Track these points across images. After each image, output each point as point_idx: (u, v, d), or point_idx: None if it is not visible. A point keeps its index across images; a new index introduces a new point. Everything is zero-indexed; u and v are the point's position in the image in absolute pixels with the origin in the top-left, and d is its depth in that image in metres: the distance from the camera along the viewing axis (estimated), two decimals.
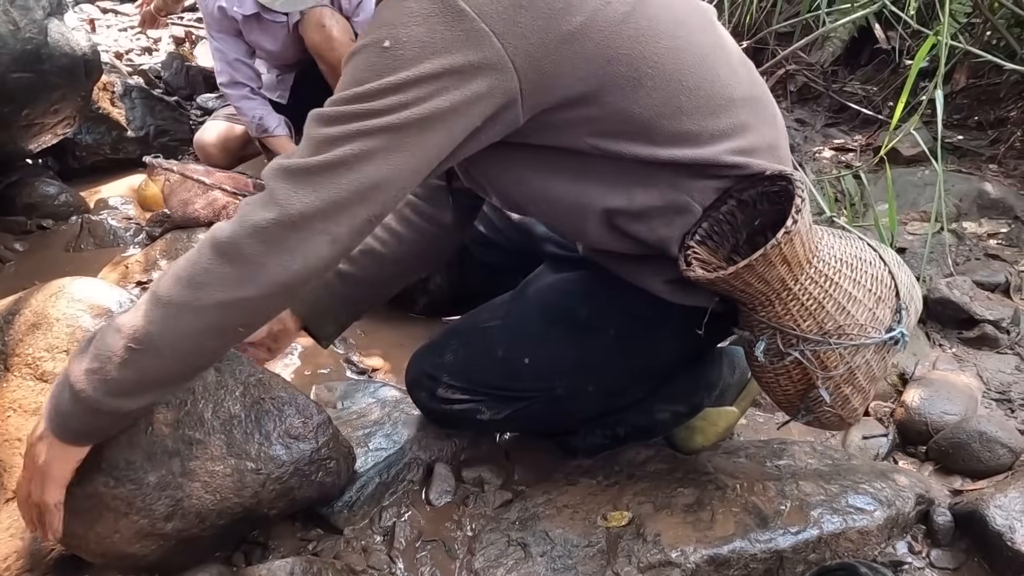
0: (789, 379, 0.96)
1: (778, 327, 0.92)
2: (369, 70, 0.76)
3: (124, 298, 1.24)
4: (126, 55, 3.39)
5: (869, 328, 0.93)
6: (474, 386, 1.11)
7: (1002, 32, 2.06)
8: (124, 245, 2.13)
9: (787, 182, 0.91)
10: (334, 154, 0.75)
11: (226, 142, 2.53)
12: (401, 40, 0.75)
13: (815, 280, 0.91)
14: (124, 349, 0.78)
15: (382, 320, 1.77)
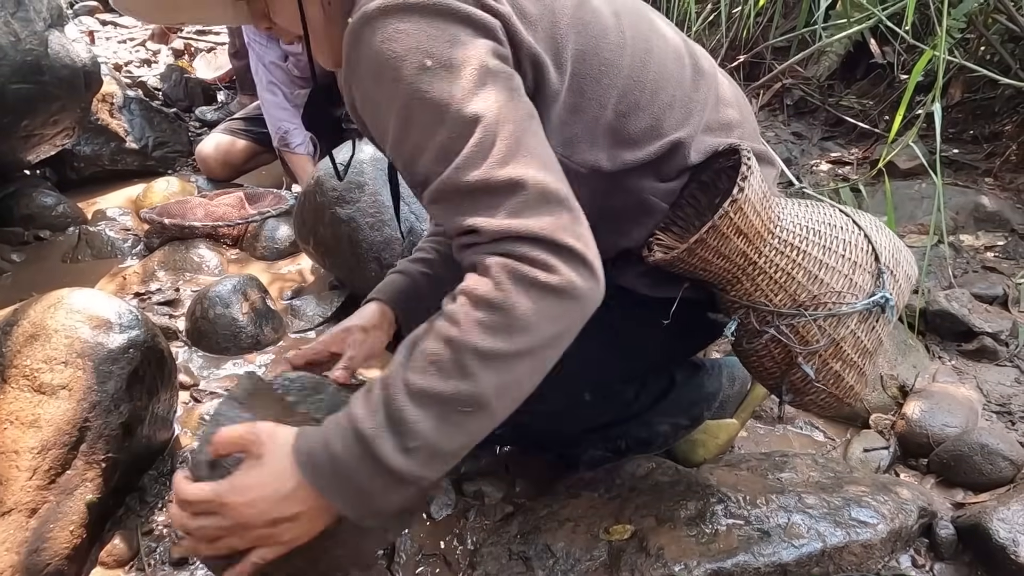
0: (771, 359, 0.91)
1: (750, 304, 0.89)
2: (438, 92, 0.71)
3: (124, 309, 1.24)
4: (125, 67, 3.40)
5: (847, 295, 0.88)
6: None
7: (996, 47, 2.08)
8: (122, 256, 2.12)
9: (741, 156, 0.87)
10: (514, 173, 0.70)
11: (227, 156, 2.54)
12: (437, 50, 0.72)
13: (779, 250, 0.87)
14: (451, 415, 0.67)
15: None
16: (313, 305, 1.84)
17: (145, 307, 1.82)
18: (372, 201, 1.70)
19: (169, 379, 1.30)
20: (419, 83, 0.71)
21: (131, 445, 1.18)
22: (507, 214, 0.69)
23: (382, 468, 0.67)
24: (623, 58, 0.88)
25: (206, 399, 1.52)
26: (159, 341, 1.28)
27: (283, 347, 1.72)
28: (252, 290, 1.74)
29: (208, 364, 1.65)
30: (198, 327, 1.69)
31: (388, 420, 0.68)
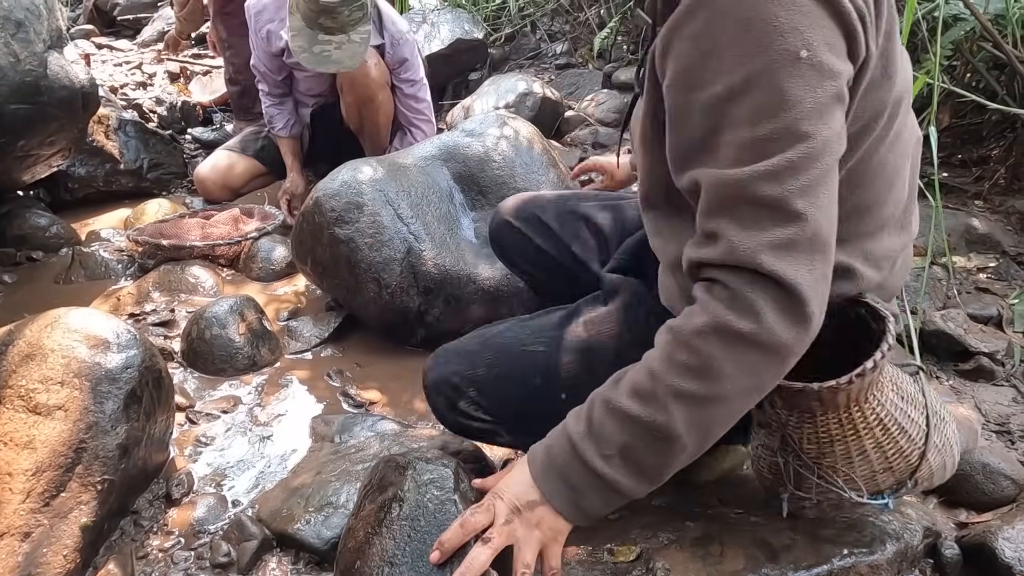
0: (768, 466, 0.97)
1: (785, 431, 0.90)
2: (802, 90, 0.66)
3: (121, 329, 1.23)
4: (121, 89, 3.41)
5: (859, 486, 0.91)
6: (501, 409, 1.04)
7: (983, 74, 2.13)
8: (115, 277, 2.11)
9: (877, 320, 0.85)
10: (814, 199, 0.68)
11: (226, 177, 2.54)
12: (814, 46, 0.66)
13: (842, 422, 0.87)
14: (643, 435, 0.76)
15: (379, 352, 1.76)
16: (310, 326, 1.83)
17: (140, 328, 1.81)
18: (371, 222, 1.70)
19: (166, 400, 1.29)
20: (783, 66, 0.66)
21: (127, 467, 1.16)
22: (769, 245, 0.67)
23: (586, 468, 0.78)
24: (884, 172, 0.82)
25: (202, 421, 1.50)
26: (157, 361, 1.27)
27: (279, 368, 1.71)
28: (248, 311, 1.73)
29: (204, 385, 1.63)
30: (194, 348, 1.68)
31: (590, 428, 0.79)
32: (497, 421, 1.05)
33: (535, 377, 1.03)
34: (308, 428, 1.49)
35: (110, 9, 4.49)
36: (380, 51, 2.28)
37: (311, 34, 2.06)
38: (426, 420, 1.52)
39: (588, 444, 0.78)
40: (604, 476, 0.78)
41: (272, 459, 1.40)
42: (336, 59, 2.07)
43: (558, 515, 0.82)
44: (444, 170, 1.87)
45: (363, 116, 2.33)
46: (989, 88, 2.11)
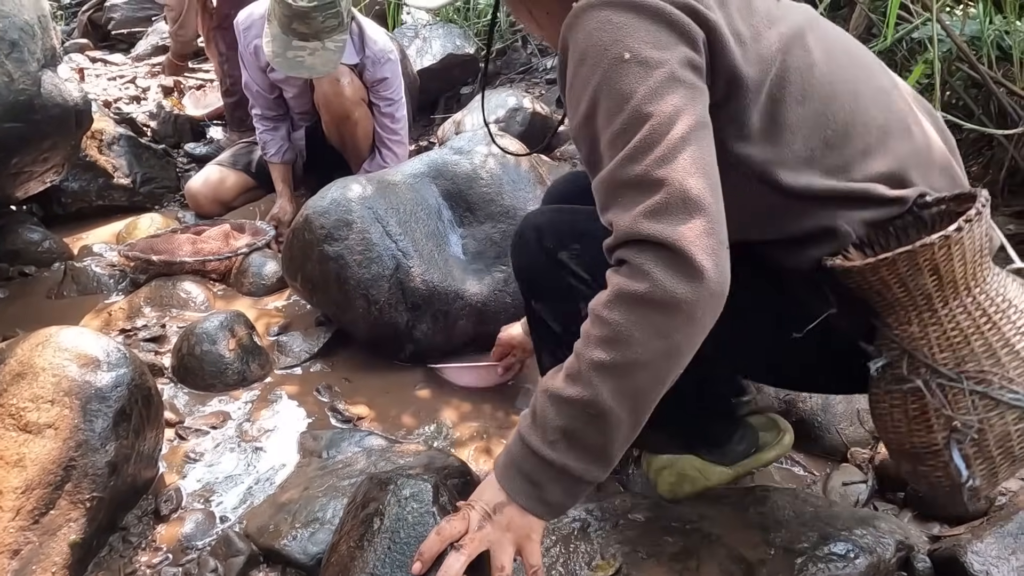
0: (903, 413, 0.85)
1: (909, 349, 0.82)
2: (629, 83, 0.77)
3: (112, 347, 1.25)
4: (114, 104, 3.44)
5: (1018, 386, 0.80)
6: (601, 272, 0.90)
7: (960, 93, 2.18)
8: (107, 292, 2.12)
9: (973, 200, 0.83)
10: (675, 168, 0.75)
11: (217, 191, 2.57)
12: (637, 47, 0.78)
13: (968, 311, 0.80)
14: (579, 416, 0.78)
15: (368, 368, 1.78)
16: (300, 341, 1.85)
17: (131, 343, 1.82)
18: (360, 239, 1.73)
19: (156, 417, 1.31)
20: (613, 72, 0.78)
21: (116, 484, 1.18)
22: (641, 214, 0.74)
23: (537, 458, 0.80)
24: (822, 96, 0.88)
25: (191, 436, 1.51)
26: (147, 379, 1.29)
27: (269, 383, 1.73)
28: (239, 326, 1.75)
29: (194, 401, 1.65)
30: (184, 363, 1.69)
31: (534, 419, 0.82)
32: (592, 284, 0.98)
33: None
34: (296, 443, 1.51)
35: (104, 23, 4.52)
36: (359, 69, 2.31)
37: (286, 40, 2.09)
38: (413, 435, 1.55)
39: (534, 434, 0.81)
40: (554, 463, 0.80)
41: (260, 474, 1.42)
42: (309, 65, 2.10)
43: (525, 513, 0.83)
44: (432, 187, 1.90)
45: (342, 133, 2.37)
46: (967, 107, 2.16)
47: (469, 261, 1.85)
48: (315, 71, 2.12)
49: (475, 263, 1.84)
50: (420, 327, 1.75)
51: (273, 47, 2.12)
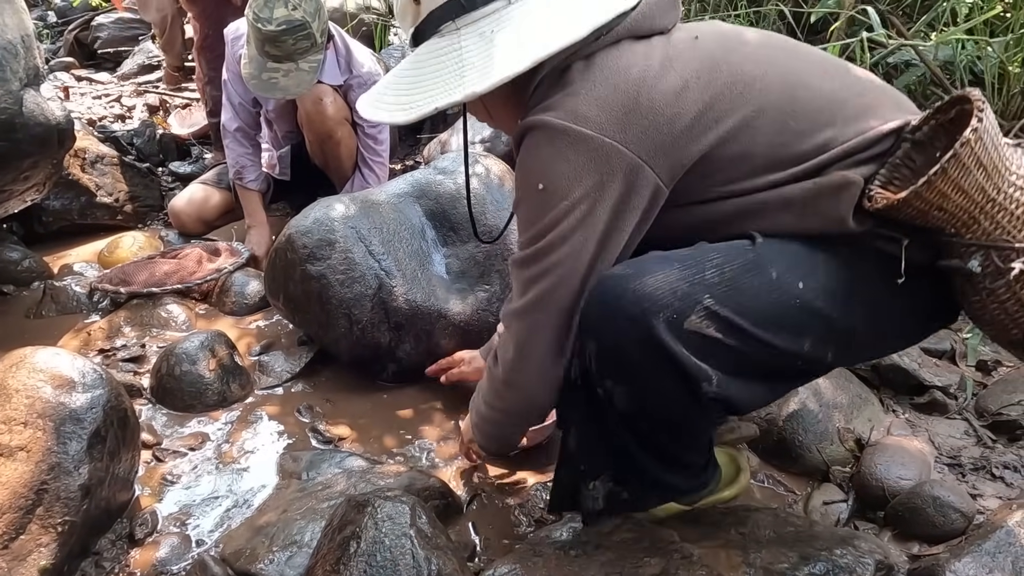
0: (1017, 300, 0.88)
1: (989, 245, 0.87)
2: (537, 210, 0.97)
3: (87, 368, 1.23)
4: (99, 122, 3.43)
5: None
6: (741, 315, 0.93)
7: None
8: (87, 311, 2.10)
9: (964, 103, 0.88)
10: (540, 289, 0.99)
11: (201, 210, 2.56)
12: (551, 179, 0.94)
13: (1018, 186, 0.86)
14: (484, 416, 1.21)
15: (350, 388, 1.77)
16: (282, 361, 1.84)
17: (109, 364, 1.80)
18: (343, 258, 1.72)
19: (132, 439, 1.29)
20: (529, 195, 0.98)
21: (89, 508, 1.16)
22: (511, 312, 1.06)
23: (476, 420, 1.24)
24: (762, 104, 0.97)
25: (168, 458, 1.49)
26: (123, 400, 1.27)
27: (250, 404, 1.71)
28: (220, 346, 1.74)
29: (172, 422, 1.63)
30: (163, 384, 1.68)
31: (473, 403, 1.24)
32: (726, 341, 0.93)
33: (770, 270, 0.95)
34: (276, 465, 1.49)
35: (91, 42, 4.52)
36: (343, 90, 2.32)
37: (261, 61, 2.12)
38: (395, 456, 1.54)
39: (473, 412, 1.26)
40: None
41: (238, 497, 1.40)
42: (283, 86, 2.12)
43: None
44: (416, 207, 1.90)
45: (325, 152, 2.37)
46: None
47: (452, 280, 1.85)
48: (288, 92, 2.13)
49: (458, 282, 1.84)
50: (403, 347, 1.74)
51: (249, 69, 2.14)
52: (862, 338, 1.02)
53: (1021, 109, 1.93)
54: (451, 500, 1.34)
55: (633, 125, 0.93)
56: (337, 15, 3.56)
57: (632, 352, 0.95)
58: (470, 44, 0.96)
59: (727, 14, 2.71)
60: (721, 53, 1.00)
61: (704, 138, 0.96)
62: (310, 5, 2.07)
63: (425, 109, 0.95)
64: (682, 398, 0.96)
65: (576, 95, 0.94)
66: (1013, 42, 1.97)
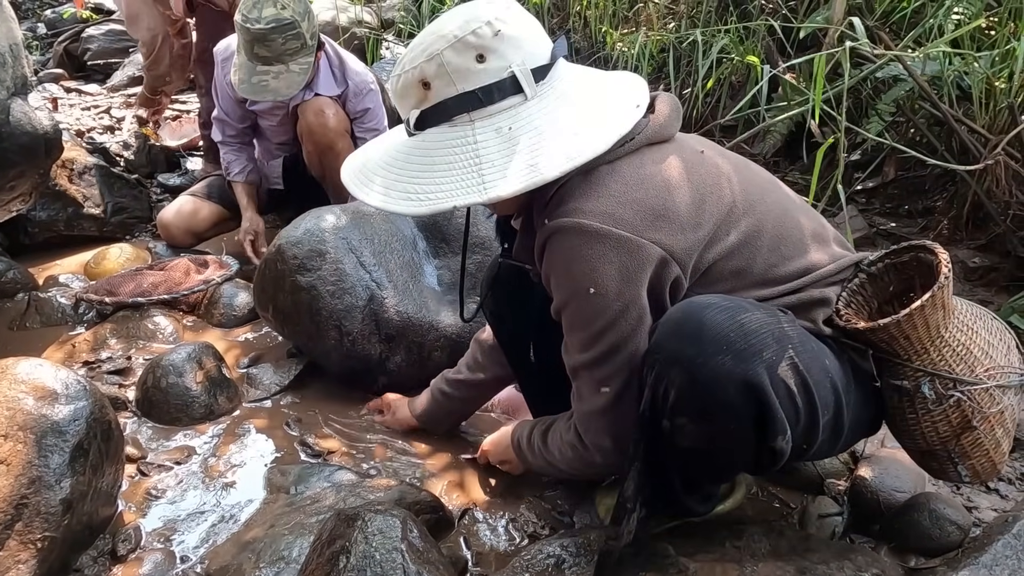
0: (948, 423, 1.03)
1: (935, 373, 1.02)
2: (592, 314, 1.00)
3: (71, 379, 1.21)
4: (88, 133, 3.40)
5: (1009, 371, 1.02)
6: (809, 374, 0.95)
7: (923, 131, 2.25)
8: (72, 323, 2.07)
9: (920, 251, 1.08)
10: (616, 387, 1.04)
11: (190, 222, 2.54)
12: (601, 282, 0.98)
13: (960, 327, 1.02)
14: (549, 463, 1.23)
15: (340, 400, 1.75)
16: (270, 373, 1.81)
17: (94, 376, 1.77)
18: (333, 269, 1.71)
19: (115, 452, 1.26)
20: (580, 299, 1.00)
21: (70, 523, 1.13)
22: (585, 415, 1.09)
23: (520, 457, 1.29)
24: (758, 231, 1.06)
25: (153, 472, 1.46)
26: (107, 412, 1.25)
27: (237, 417, 1.68)
28: (207, 358, 1.71)
29: (158, 435, 1.60)
30: (149, 397, 1.65)
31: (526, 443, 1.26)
32: (805, 392, 0.95)
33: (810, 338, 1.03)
34: (263, 479, 1.46)
35: (81, 54, 4.50)
36: (342, 100, 2.32)
37: (251, 66, 2.12)
38: (384, 470, 1.51)
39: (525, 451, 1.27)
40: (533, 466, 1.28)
41: (225, 512, 1.37)
42: (273, 88, 2.12)
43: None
44: (407, 218, 1.89)
45: (324, 164, 2.36)
46: (930, 144, 2.23)
47: (444, 292, 1.83)
48: (279, 94, 2.13)
49: (450, 294, 1.83)
50: (394, 359, 1.73)
51: (239, 75, 2.14)
52: (833, 431, 1.05)
53: (1008, 123, 1.95)
54: (442, 514, 1.32)
55: (664, 228, 0.99)
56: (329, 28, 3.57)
57: (728, 390, 0.90)
58: (487, 140, 0.96)
59: (716, 29, 2.74)
60: (726, 170, 1.09)
61: (716, 248, 1.03)
62: (299, 5, 2.07)
63: (443, 205, 0.96)
64: (750, 445, 0.96)
65: (608, 198, 0.98)
66: (999, 57, 1.99)
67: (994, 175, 1.94)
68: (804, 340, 1.00)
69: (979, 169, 1.91)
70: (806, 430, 0.98)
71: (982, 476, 1.11)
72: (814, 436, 1.00)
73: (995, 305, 1.92)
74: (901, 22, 2.34)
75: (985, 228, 2.15)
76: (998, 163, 1.88)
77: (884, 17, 2.36)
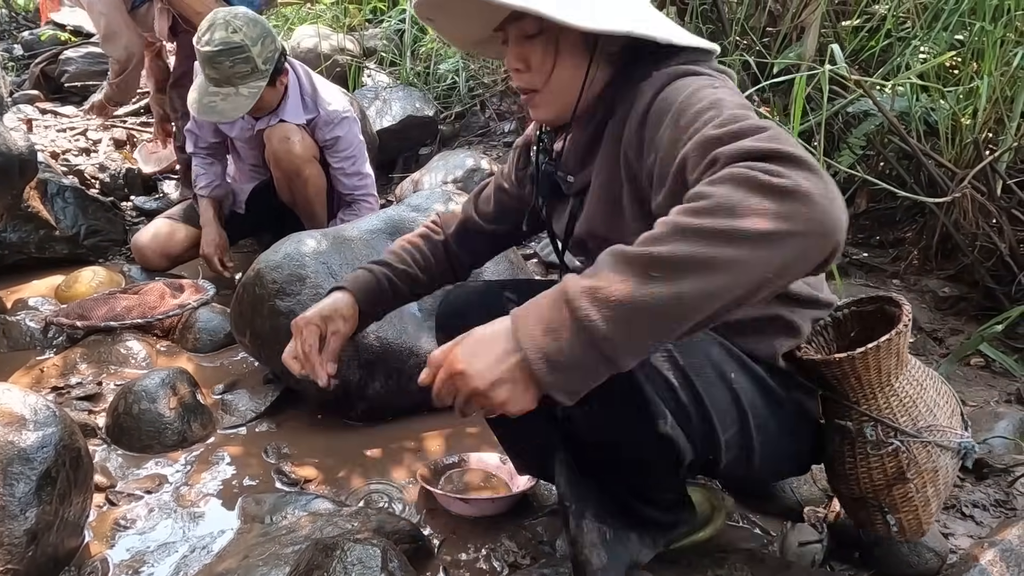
0: (882, 471, 1.04)
1: (879, 419, 1.02)
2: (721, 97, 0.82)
3: (40, 405, 1.18)
4: (63, 155, 3.36)
5: (949, 432, 1.03)
6: (687, 381, 0.95)
7: (893, 164, 2.32)
8: (41, 348, 2.02)
9: (886, 303, 1.10)
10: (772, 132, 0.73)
11: (166, 246, 2.50)
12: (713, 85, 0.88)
13: (910, 381, 1.04)
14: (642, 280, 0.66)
15: (317, 427, 1.72)
16: (246, 399, 1.78)
17: (63, 402, 1.73)
18: (313, 294, 1.69)
19: (84, 481, 1.22)
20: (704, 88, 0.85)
21: (35, 555, 1.09)
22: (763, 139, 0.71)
23: (574, 317, 0.67)
24: None
25: (123, 502, 1.42)
26: (76, 440, 1.21)
27: (211, 444, 1.64)
28: (181, 384, 1.68)
29: (128, 464, 1.55)
30: (120, 423, 1.60)
31: (587, 278, 0.68)
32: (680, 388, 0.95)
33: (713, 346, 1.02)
34: (237, 508, 1.43)
35: (58, 76, 4.47)
36: (311, 127, 2.32)
37: (205, 86, 2.15)
38: (362, 498, 1.48)
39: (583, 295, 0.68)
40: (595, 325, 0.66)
41: (196, 542, 1.33)
42: (220, 109, 2.14)
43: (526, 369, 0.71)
44: (389, 243, 1.88)
45: (293, 190, 2.36)
46: (900, 177, 2.29)
47: (424, 318, 1.83)
48: (225, 116, 2.15)
49: (430, 320, 1.82)
50: (373, 385, 1.71)
51: (194, 94, 2.18)
52: (741, 448, 1.03)
53: (972, 158, 2.01)
54: (422, 543, 1.30)
55: None
56: (311, 55, 3.59)
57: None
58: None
59: None
60: None
61: None
62: (252, 31, 2.09)
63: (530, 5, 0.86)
64: (635, 431, 0.93)
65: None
66: (963, 95, 2.07)
67: (961, 207, 1.99)
68: (694, 346, 0.96)
69: (947, 202, 1.97)
70: (705, 437, 0.97)
71: (907, 533, 1.09)
72: (716, 446, 0.98)
73: (965, 334, 1.96)
74: (870, 60, 2.42)
75: (954, 258, 2.21)
76: (965, 196, 1.93)
77: (854, 55, 2.44)
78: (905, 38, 2.31)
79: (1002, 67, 1.94)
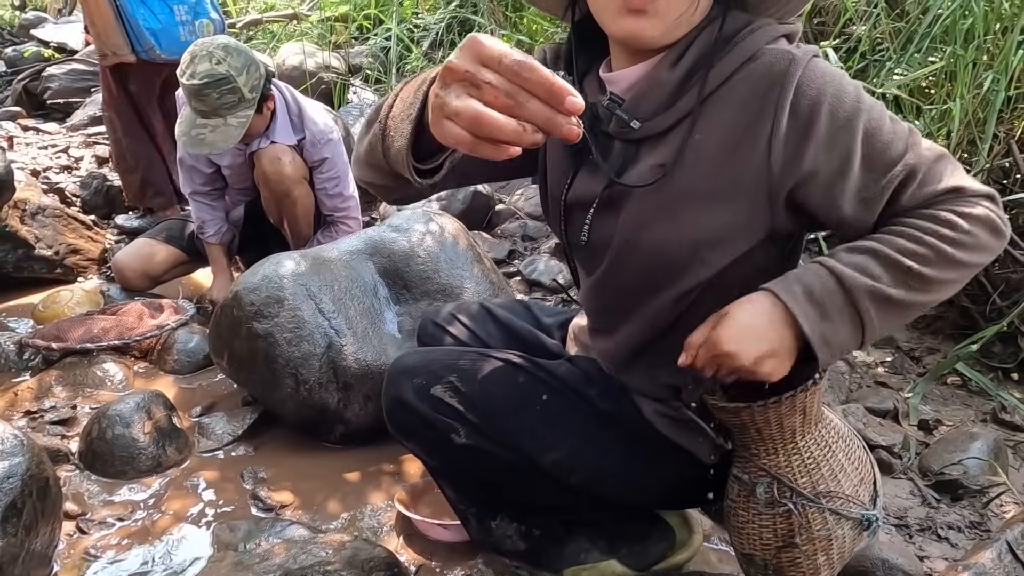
0: (773, 531, 0.98)
1: (777, 476, 0.97)
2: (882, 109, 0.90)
3: (7, 434, 1.16)
4: (44, 173, 3.34)
5: (852, 502, 0.97)
6: (474, 405, 1.05)
7: None
8: (16, 370, 1.99)
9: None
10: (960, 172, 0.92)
11: (147, 266, 2.48)
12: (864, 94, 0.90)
13: (817, 442, 0.98)
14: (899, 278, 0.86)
15: (295, 450, 1.70)
16: (223, 423, 1.76)
17: (36, 427, 1.70)
18: (291, 316, 1.69)
19: (52, 511, 1.20)
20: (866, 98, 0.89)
21: None
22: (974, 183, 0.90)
23: (855, 310, 0.86)
24: None
25: (93, 530, 1.40)
26: (45, 468, 1.19)
27: (186, 469, 1.63)
28: (157, 407, 1.66)
29: (101, 490, 1.53)
30: (93, 448, 1.58)
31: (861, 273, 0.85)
32: (464, 417, 1.05)
33: (519, 376, 1.08)
34: (211, 535, 1.41)
35: (41, 92, 4.45)
36: (299, 148, 2.32)
37: (192, 118, 2.13)
38: (339, 523, 1.47)
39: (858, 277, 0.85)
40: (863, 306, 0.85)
41: (168, 571, 1.31)
42: (209, 141, 2.12)
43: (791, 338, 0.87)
44: (369, 264, 1.89)
45: (282, 210, 2.36)
46: None
47: (404, 339, 1.82)
48: (215, 147, 2.13)
49: (411, 341, 1.81)
50: (352, 407, 1.70)
51: (181, 128, 2.16)
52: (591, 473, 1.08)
53: None
54: (397, 570, 1.28)
55: None
56: (296, 74, 3.60)
57: (394, 411, 1.09)
58: None
59: None
60: None
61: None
62: (237, 60, 2.08)
63: None
64: (451, 453, 1.07)
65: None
66: (938, 115, 2.10)
67: None
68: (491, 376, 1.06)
69: None
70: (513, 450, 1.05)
71: None
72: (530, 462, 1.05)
73: (941, 352, 1.98)
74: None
75: None
76: None
77: None
78: (881, 60, 2.35)
79: (974, 90, 1.97)
